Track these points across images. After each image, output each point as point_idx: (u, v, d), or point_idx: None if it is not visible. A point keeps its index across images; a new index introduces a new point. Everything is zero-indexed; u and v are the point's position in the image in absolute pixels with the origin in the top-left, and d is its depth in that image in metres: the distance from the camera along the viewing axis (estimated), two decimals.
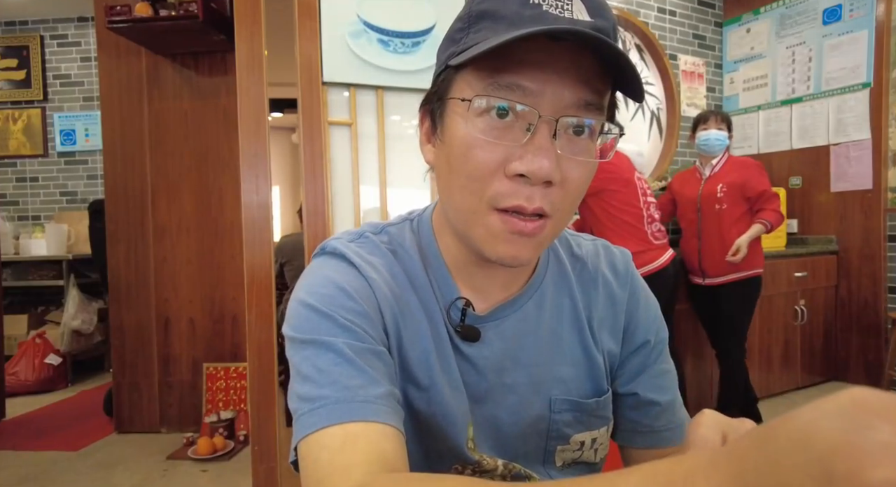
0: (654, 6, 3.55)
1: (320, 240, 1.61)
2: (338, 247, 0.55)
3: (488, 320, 0.56)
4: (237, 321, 2.73)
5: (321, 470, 0.40)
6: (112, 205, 2.72)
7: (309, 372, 0.47)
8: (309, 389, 0.45)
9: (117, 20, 2.41)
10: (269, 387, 1.59)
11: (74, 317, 3.50)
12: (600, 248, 0.65)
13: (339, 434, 0.42)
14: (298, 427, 0.45)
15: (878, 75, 3.12)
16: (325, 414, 0.43)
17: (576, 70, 0.44)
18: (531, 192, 0.45)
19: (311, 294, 0.51)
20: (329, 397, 0.44)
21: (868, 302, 3.23)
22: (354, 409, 0.43)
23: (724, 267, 2.45)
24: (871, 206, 3.19)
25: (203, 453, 2.36)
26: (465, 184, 0.47)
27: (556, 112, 0.44)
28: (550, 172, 0.44)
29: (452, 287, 0.55)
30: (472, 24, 0.47)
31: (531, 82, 0.44)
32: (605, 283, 0.61)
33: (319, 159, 1.59)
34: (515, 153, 0.45)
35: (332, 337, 0.47)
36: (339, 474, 0.39)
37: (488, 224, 0.47)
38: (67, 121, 4.09)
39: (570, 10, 0.44)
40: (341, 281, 0.51)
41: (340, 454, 0.41)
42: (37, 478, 2.23)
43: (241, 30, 1.55)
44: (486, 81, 0.45)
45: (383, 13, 1.63)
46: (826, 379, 3.36)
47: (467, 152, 0.46)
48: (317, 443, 0.42)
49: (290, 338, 0.50)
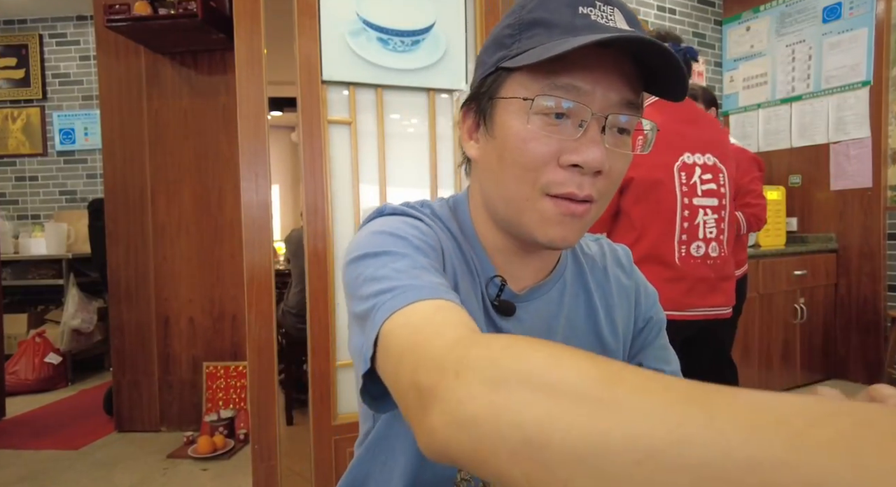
0: (654, 4, 3.55)
1: (320, 238, 1.61)
2: (398, 207, 0.59)
3: (521, 300, 0.60)
4: (237, 320, 2.74)
5: (418, 332, 0.39)
6: (112, 204, 2.72)
7: (386, 272, 0.47)
8: (388, 284, 0.45)
9: (116, 19, 2.40)
10: (269, 386, 1.59)
11: (74, 316, 3.50)
12: (605, 247, 0.71)
13: (430, 305, 0.42)
14: (381, 313, 0.43)
15: (877, 73, 3.12)
16: (412, 295, 0.43)
17: (619, 73, 0.49)
18: (582, 181, 0.50)
19: (381, 227, 0.53)
20: (412, 285, 0.44)
21: (867, 300, 3.23)
22: (440, 291, 0.44)
23: None
24: (870, 204, 3.20)
25: (203, 452, 2.36)
26: (520, 174, 0.51)
27: (603, 110, 0.49)
28: (602, 162, 0.49)
29: (489, 266, 0.60)
30: (523, 31, 0.51)
31: (584, 83, 0.48)
32: (615, 277, 0.68)
33: (319, 158, 1.59)
34: (569, 146, 0.49)
35: (407, 250, 0.50)
36: (439, 328, 0.38)
37: (542, 209, 0.52)
38: (67, 120, 4.09)
39: (614, 20, 0.50)
40: (412, 222, 0.55)
41: (436, 315, 0.41)
42: (37, 477, 2.23)
43: (240, 28, 1.54)
44: (543, 82, 0.49)
45: (383, 12, 1.63)
46: (826, 378, 3.37)
47: (523, 145, 0.50)
48: (407, 314, 0.42)
49: (358, 256, 0.50)
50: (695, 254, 1.46)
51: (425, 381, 0.34)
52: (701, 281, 1.47)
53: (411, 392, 0.36)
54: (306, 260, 1.60)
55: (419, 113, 1.74)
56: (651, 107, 1.54)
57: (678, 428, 0.22)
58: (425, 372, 0.34)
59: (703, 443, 0.21)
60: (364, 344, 0.44)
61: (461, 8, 1.72)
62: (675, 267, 1.45)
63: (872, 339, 3.21)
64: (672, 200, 1.45)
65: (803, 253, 3.20)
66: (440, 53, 1.70)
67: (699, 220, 1.47)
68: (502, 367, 0.30)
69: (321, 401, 1.60)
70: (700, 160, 1.49)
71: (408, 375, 0.36)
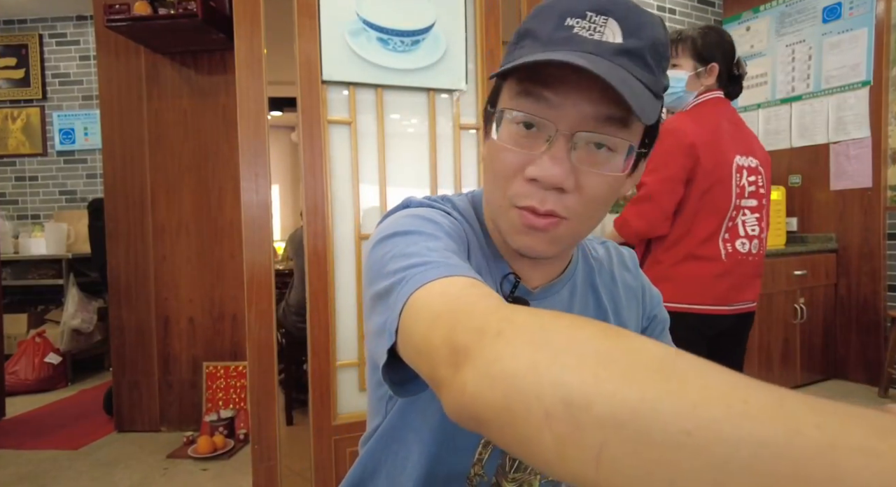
0: (654, 4, 3.55)
1: (320, 238, 1.61)
2: (424, 201, 0.60)
3: (533, 298, 0.61)
4: (237, 320, 2.74)
5: (457, 299, 0.37)
6: (111, 204, 2.72)
7: (417, 250, 0.46)
8: (419, 259, 0.44)
9: (116, 19, 2.40)
10: (270, 386, 1.59)
11: (74, 316, 3.50)
12: (611, 250, 0.72)
13: (465, 281, 0.40)
14: (410, 284, 0.41)
15: (877, 73, 3.12)
16: (444, 270, 0.42)
17: (601, 86, 0.46)
18: (544, 196, 0.49)
19: (412, 212, 0.54)
20: (445, 263, 0.43)
21: (867, 300, 3.23)
22: (472, 273, 0.43)
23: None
24: (870, 204, 3.19)
25: (203, 452, 2.36)
26: (496, 182, 0.53)
27: (573, 126, 0.48)
28: (560, 180, 0.48)
29: (504, 263, 0.60)
30: (518, 41, 0.52)
31: (554, 94, 0.48)
32: (622, 279, 0.70)
33: (319, 158, 1.59)
34: (534, 159, 0.49)
35: (438, 233, 0.50)
36: (479, 298, 0.37)
37: (510, 218, 0.52)
38: (66, 120, 4.08)
39: (603, 32, 0.47)
40: (440, 213, 0.56)
41: (472, 288, 0.39)
42: (37, 477, 2.23)
43: (240, 28, 1.54)
44: (517, 91, 0.50)
45: (383, 12, 1.63)
46: (825, 378, 3.37)
47: (496, 154, 0.52)
48: (444, 284, 0.40)
49: (388, 235, 0.50)
50: (741, 250, 1.51)
51: (462, 340, 0.33)
52: (744, 277, 1.52)
53: (443, 350, 0.34)
54: (306, 260, 1.60)
55: (419, 113, 1.74)
56: (708, 105, 1.53)
57: (742, 404, 0.21)
58: (463, 332, 0.33)
59: (770, 420, 0.20)
60: (388, 317, 0.42)
61: (461, 8, 1.71)
62: (722, 262, 1.49)
63: (872, 339, 3.21)
64: (728, 200, 1.48)
65: (803, 254, 3.20)
66: (440, 53, 1.70)
67: (740, 220, 1.52)
68: (550, 330, 0.29)
69: (321, 401, 1.60)
70: (746, 162, 1.53)
71: (442, 334, 0.35)
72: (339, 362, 1.63)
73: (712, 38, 1.54)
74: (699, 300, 1.48)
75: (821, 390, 3.23)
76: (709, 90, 1.55)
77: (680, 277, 1.49)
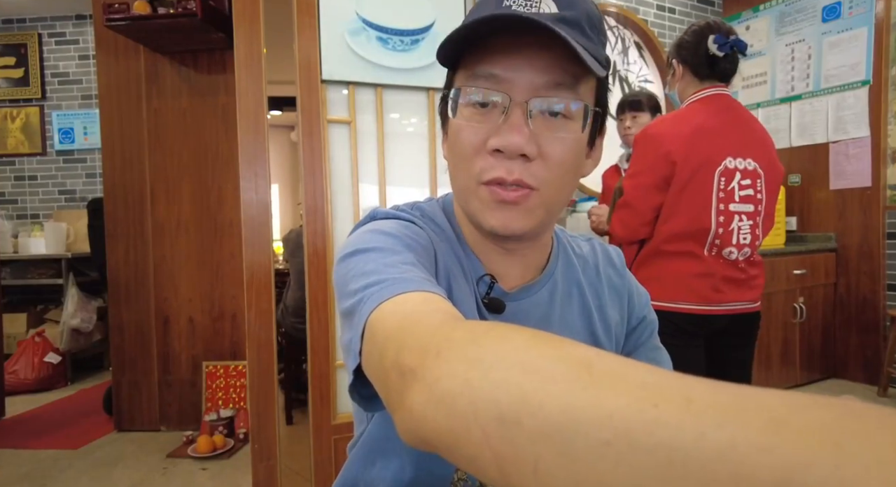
0: (654, 3, 3.55)
1: (320, 237, 1.61)
2: (390, 212, 0.59)
3: (511, 298, 0.60)
4: (236, 319, 2.74)
5: (405, 318, 0.39)
6: (111, 204, 2.72)
7: (374, 267, 0.46)
8: (375, 277, 0.45)
9: (115, 18, 2.40)
10: (269, 385, 1.59)
11: (74, 316, 3.50)
12: (597, 247, 0.71)
13: (418, 296, 0.41)
14: (368, 304, 0.43)
15: (877, 73, 3.12)
16: (400, 287, 0.43)
17: (546, 55, 0.49)
18: (510, 165, 0.50)
19: (373, 227, 0.54)
20: (401, 277, 0.44)
21: (867, 299, 3.23)
22: (427, 285, 0.44)
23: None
24: (870, 204, 3.20)
25: (203, 451, 2.36)
26: (459, 164, 0.54)
27: (526, 94, 0.50)
28: (521, 146, 0.49)
29: (478, 265, 0.60)
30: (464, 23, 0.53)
31: (502, 70, 0.50)
32: (607, 277, 0.69)
33: (318, 157, 1.59)
34: (493, 132, 0.50)
35: (397, 247, 0.50)
36: (425, 316, 0.38)
37: (480, 196, 0.53)
38: (66, 120, 4.08)
39: (539, 5, 0.49)
40: (404, 224, 0.56)
41: (423, 304, 0.40)
42: (37, 477, 2.23)
43: (239, 28, 1.54)
44: (467, 74, 0.52)
45: (382, 11, 1.63)
46: (825, 377, 3.37)
47: (456, 137, 0.53)
48: (396, 303, 0.41)
49: (348, 254, 0.51)
50: (726, 257, 1.48)
51: (407, 362, 0.33)
52: (728, 280, 1.49)
53: (392, 373, 0.35)
54: (306, 260, 1.60)
55: (419, 112, 1.74)
56: (697, 103, 1.52)
57: (652, 409, 0.21)
58: (408, 353, 0.34)
59: (677, 425, 0.20)
60: (352, 338, 0.43)
61: (461, 7, 1.71)
62: (701, 262, 1.47)
63: (872, 339, 3.21)
64: (706, 201, 1.45)
65: (803, 253, 3.20)
66: None
67: (734, 226, 1.46)
68: (482, 346, 0.29)
69: (321, 401, 1.60)
70: (741, 165, 1.48)
71: (391, 358, 0.35)
72: (339, 362, 1.63)
73: (678, 40, 1.58)
74: (683, 298, 1.48)
75: (820, 389, 3.23)
76: (703, 87, 1.55)
77: (664, 276, 1.50)
